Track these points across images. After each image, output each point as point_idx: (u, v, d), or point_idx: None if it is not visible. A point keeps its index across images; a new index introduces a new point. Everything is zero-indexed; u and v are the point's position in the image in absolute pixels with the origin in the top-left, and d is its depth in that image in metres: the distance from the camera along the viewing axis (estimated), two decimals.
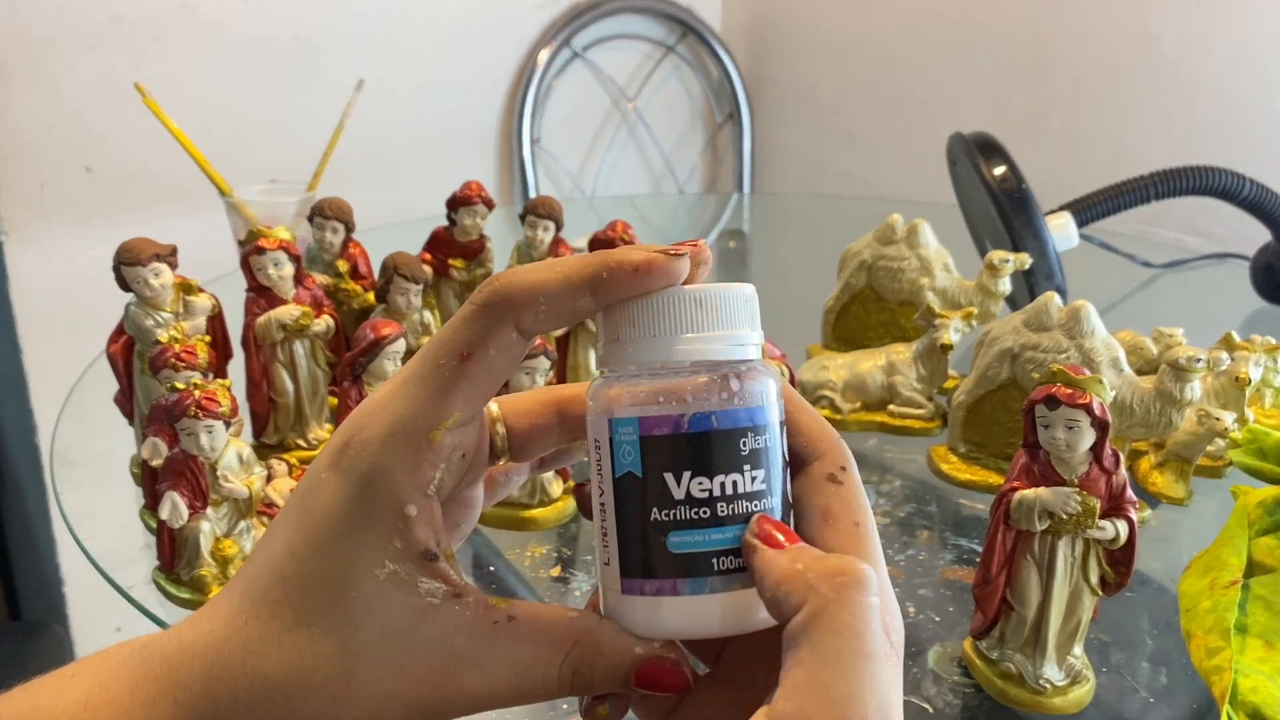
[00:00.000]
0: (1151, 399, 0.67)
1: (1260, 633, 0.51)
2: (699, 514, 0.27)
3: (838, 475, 0.28)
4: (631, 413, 0.27)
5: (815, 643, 0.24)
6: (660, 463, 0.27)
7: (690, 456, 0.27)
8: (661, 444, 0.27)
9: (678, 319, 0.28)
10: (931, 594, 0.61)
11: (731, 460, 0.27)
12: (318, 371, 0.75)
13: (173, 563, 0.59)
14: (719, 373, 0.28)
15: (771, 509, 0.28)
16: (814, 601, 0.25)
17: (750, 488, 0.27)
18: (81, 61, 1.24)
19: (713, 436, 0.27)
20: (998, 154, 0.92)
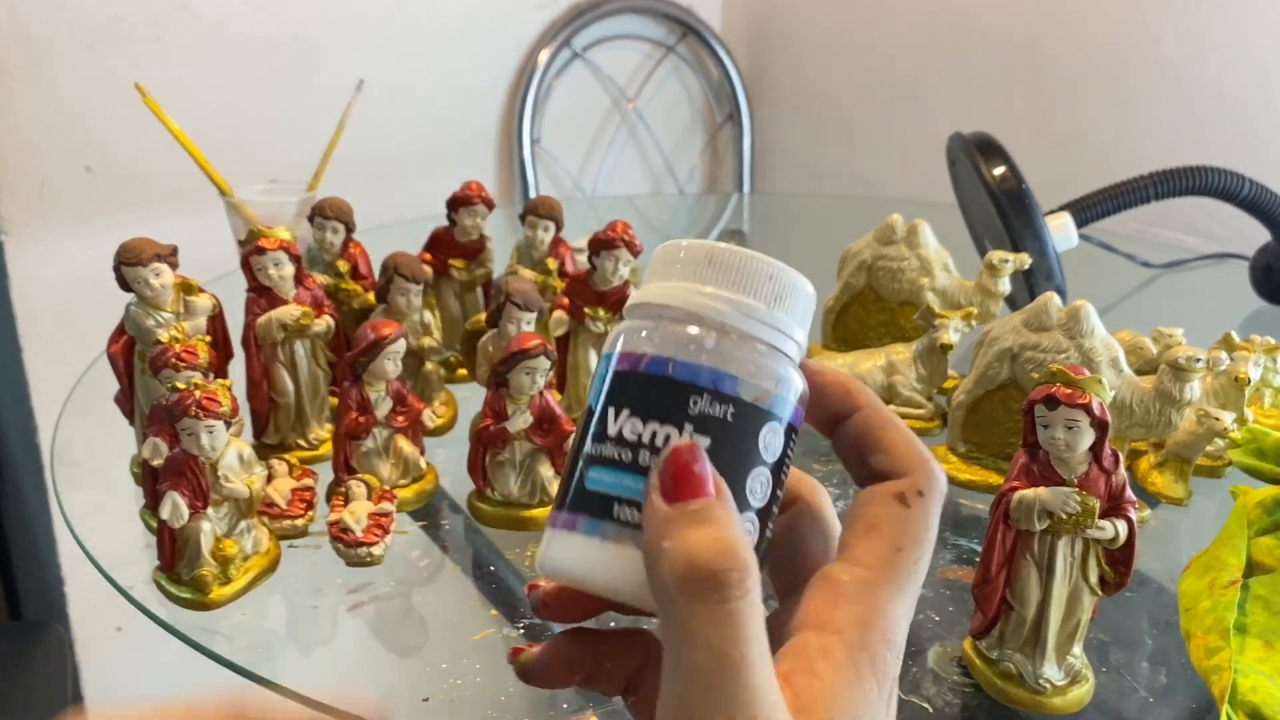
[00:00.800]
0: (1151, 399, 0.67)
1: (1260, 632, 0.51)
2: (621, 455, 0.26)
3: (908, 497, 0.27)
4: (613, 348, 0.27)
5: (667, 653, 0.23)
6: (609, 398, 0.26)
7: (634, 396, 0.26)
8: (618, 380, 0.26)
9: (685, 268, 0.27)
10: (931, 594, 0.61)
11: (673, 413, 0.25)
12: (318, 371, 0.76)
13: (173, 563, 0.60)
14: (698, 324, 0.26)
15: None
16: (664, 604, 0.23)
17: None
18: (82, 61, 1.24)
19: (661, 381, 0.26)
20: (997, 154, 0.92)
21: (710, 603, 0.23)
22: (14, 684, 0.96)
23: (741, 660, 0.22)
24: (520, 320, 0.73)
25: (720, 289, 0.26)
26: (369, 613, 0.61)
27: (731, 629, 0.22)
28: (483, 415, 0.68)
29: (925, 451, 0.27)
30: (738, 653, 0.22)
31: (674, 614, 0.23)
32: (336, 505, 0.65)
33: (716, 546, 0.23)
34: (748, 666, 0.22)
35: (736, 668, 0.22)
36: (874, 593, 0.26)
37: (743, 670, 0.22)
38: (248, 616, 0.60)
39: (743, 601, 0.23)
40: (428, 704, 0.53)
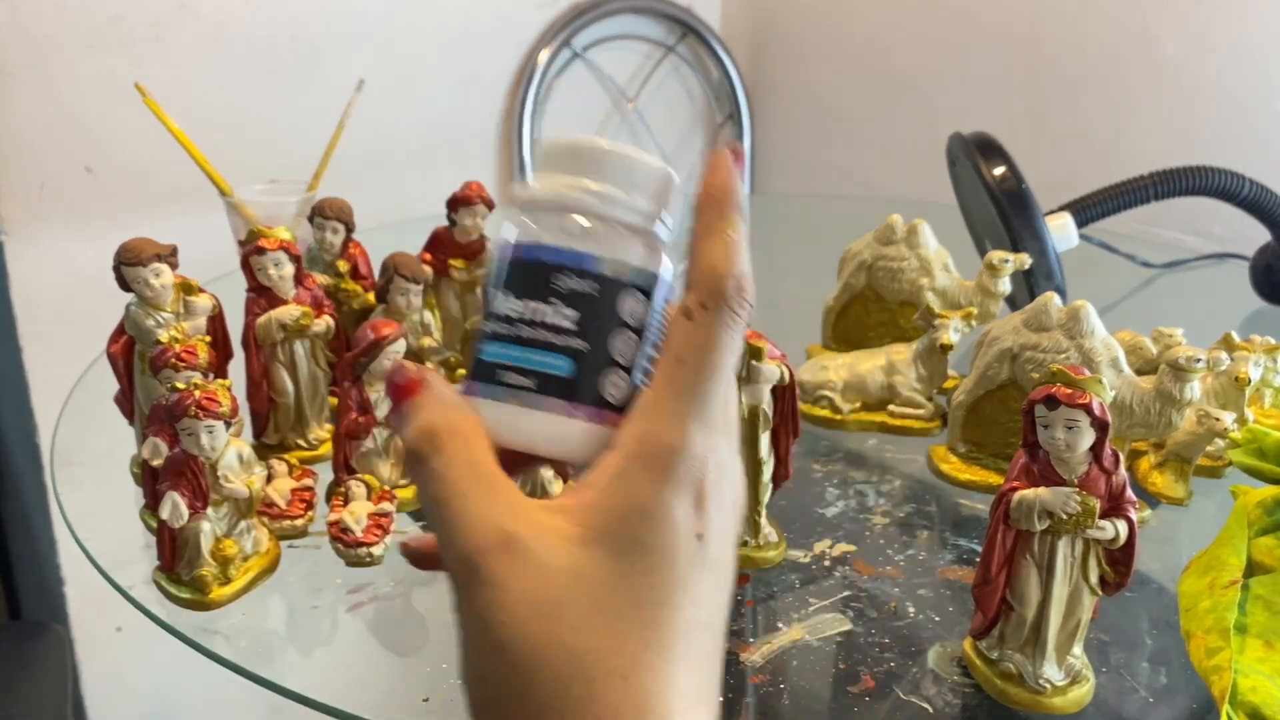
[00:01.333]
0: (1151, 399, 0.67)
1: (1260, 633, 0.51)
2: (500, 329, 0.30)
3: (692, 310, 0.28)
4: (504, 238, 0.31)
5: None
6: (495, 281, 0.30)
7: (511, 278, 0.30)
8: (499, 267, 0.30)
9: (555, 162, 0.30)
10: (931, 594, 0.61)
11: (542, 290, 0.29)
12: (318, 371, 0.75)
13: (173, 563, 0.59)
14: (564, 212, 0.30)
15: (576, 351, 0.29)
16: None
17: (556, 321, 0.29)
18: (81, 61, 1.24)
19: (531, 263, 0.30)
20: (997, 154, 0.92)
21: (420, 469, 0.28)
22: (14, 684, 0.96)
23: (454, 494, 0.27)
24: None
25: (584, 179, 0.30)
26: (369, 613, 0.61)
27: (439, 479, 0.27)
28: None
29: (726, 265, 0.28)
30: (448, 491, 0.27)
31: (415, 481, 0.28)
32: (336, 505, 0.65)
33: (416, 429, 0.28)
34: (458, 497, 0.27)
35: (450, 500, 0.27)
36: (655, 407, 0.28)
37: (455, 500, 0.27)
38: (247, 616, 0.60)
39: (437, 460, 0.27)
40: (428, 704, 0.53)
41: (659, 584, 0.26)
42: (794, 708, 0.53)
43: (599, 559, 0.26)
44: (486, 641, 0.26)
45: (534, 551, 0.26)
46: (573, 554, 0.26)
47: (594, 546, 0.26)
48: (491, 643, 0.26)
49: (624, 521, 0.26)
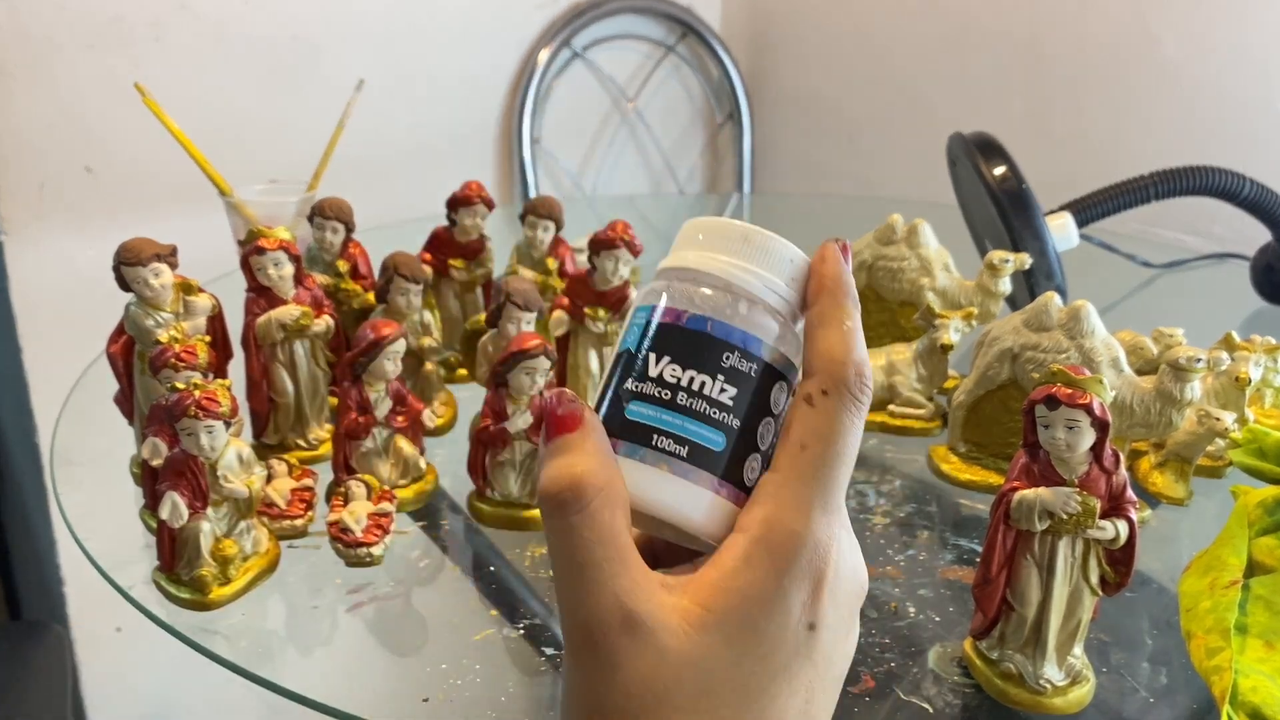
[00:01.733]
0: (1151, 399, 0.67)
1: (1260, 633, 0.51)
2: (660, 393, 0.30)
3: (813, 397, 0.28)
4: (650, 301, 0.31)
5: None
6: (651, 345, 0.30)
7: (675, 345, 0.30)
8: (659, 330, 0.30)
9: (722, 241, 0.31)
10: (931, 594, 0.61)
11: (708, 364, 0.30)
12: (318, 371, 0.75)
13: (173, 563, 0.59)
14: (732, 293, 0.31)
15: (729, 428, 0.30)
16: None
17: (717, 396, 0.30)
18: (81, 61, 1.24)
19: (701, 336, 0.30)
20: (998, 154, 0.92)
21: (557, 518, 0.27)
22: (14, 683, 0.96)
23: (586, 561, 0.26)
24: (520, 320, 0.73)
25: (752, 265, 0.31)
26: (369, 613, 0.61)
27: (574, 538, 0.27)
28: (482, 415, 0.68)
29: (844, 352, 0.29)
30: (581, 555, 0.26)
31: (548, 532, 0.27)
32: (336, 505, 0.65)
33: (560, 475, 0.27)
34: (591, 565, 0.26)
35: (581, 567, 0.26)
36: (779, 491, 0.28)
37: (586, 568, 0.26)
38: (247, 617, 0.60)
39: (578, 517, 0.27)
40: (428, 704, 0.53)
41: (763, 671, 0.27)
42: None
43: (714, 644, 0.27)
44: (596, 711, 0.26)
45: (653, 634, 0.26)
46: (691, 638, 0.27)
47: (712, 631, 0.27)
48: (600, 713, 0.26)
49: (743, 607, 0.27)
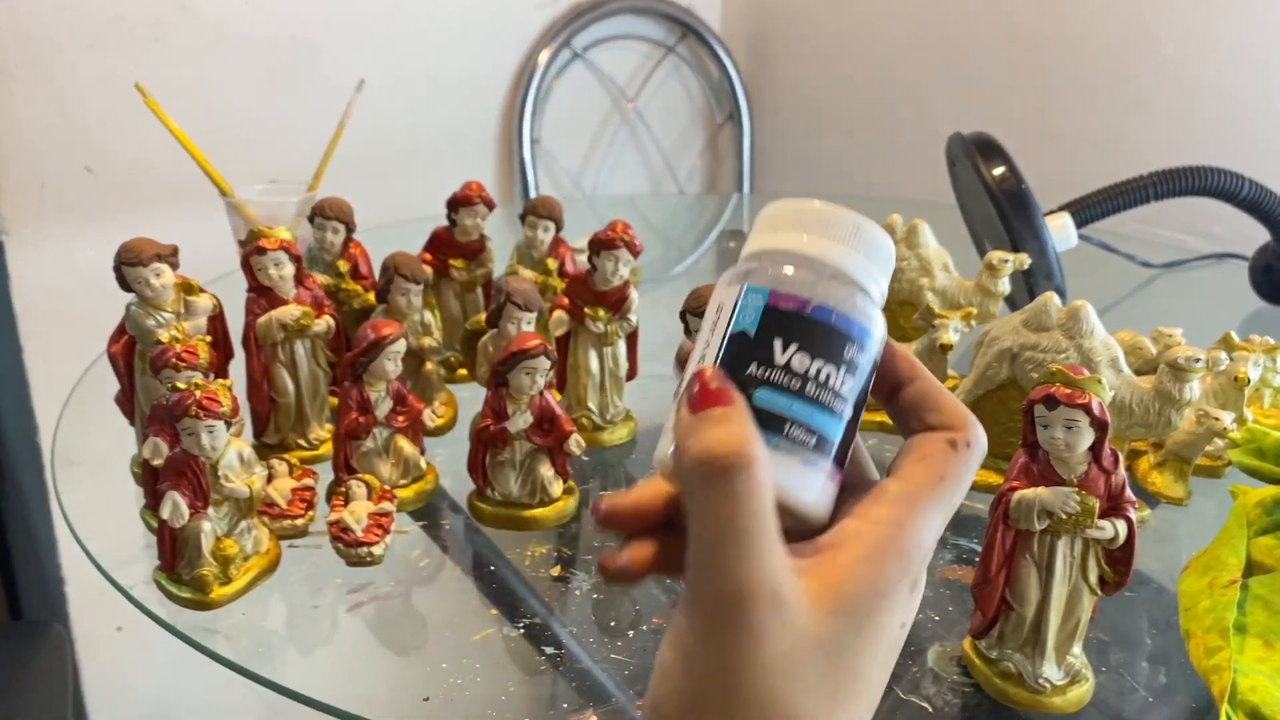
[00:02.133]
0: (1150, 399, 0.67)
1: (1259, 632, 0.51)
2: (790, 382, 0.30)
3: (958, 443, 0.31)
4: (765, 283, 0.30)
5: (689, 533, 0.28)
6: (774, 330, 0.30)
7: (802, 333, 0.30)
8: (781, 316, 0.30)
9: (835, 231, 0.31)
10: (931, 593, 0.62)
11: (833, 355, 0.30)
12: (318, 371, 0.76)
13: (174, 562, 0.60)
14: (854, 284, 0.31)
15: (845, 418, 0.31)
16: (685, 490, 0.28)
17: (839, 387, 0.30)
18: (82, 61, 1.24)
19: (826, 327, 0.30)
20: (997, 154, 0.92)
21: (719, 483, 0.27)
22: (14, 683, 0.96)
23: (745, 529, 0.26)
24: (520, 320, 0.73)
25: (865, 257, 0.31)
26: (369, 612, 0.61)
27: (737, 504, 0.26)
28: (483, 415, 0.68)
29: (973, 416, 0.32)
30: (742, 523, 0.26)
31: (693, 496, 0.27)
32: (336, 505, 0.65)
33: (728, 439, 0.27)
34: (751, 534, 0.26)
35: (740, 534, 0.26)
36: (915, 502, 0.30)
37: (746, 536, 0.26)
38: (248, 616, 0.60)
39: (747, 484, 0.27)
40: (428, 704, 0.53)
41: (871, 662, 0.29)
42: None
43: (841, 630, 0.28)
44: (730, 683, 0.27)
45: (795, 612, 0.27)
46: (822, 620, 0.28)
47: (841, 617, 0.28)
48: (734, 685, 0.27)
49: (871, 599, 0.28)
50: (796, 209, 0.32)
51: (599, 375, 0.78)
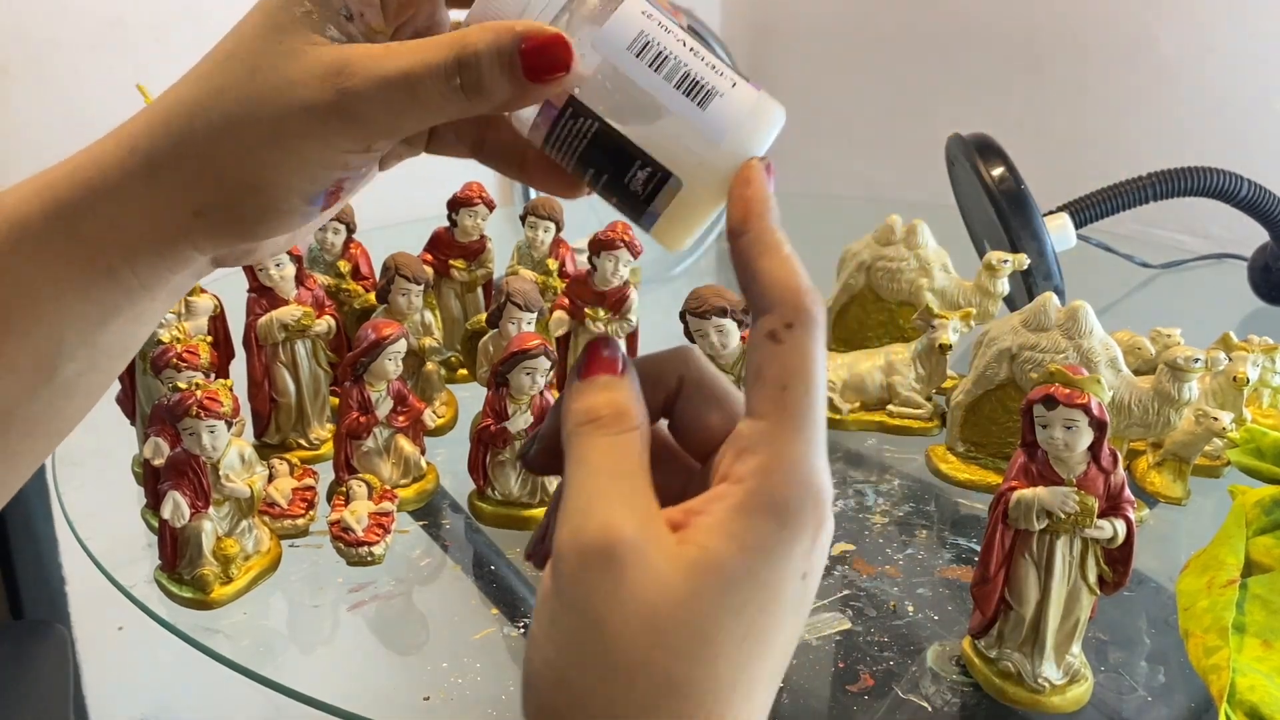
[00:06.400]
0: (1149, 399, 0.67)
1: (1258, 632, 0.51)
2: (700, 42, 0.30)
3: (779, 332, 0.27)
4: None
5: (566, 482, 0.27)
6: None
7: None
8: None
9: None
10: (930, 593, 0.62)
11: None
12: (319, 371, 0.76)
13: (174, 562, 0.60)
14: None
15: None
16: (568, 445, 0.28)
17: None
18: (83, 62, 1.24)
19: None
20: (996, 155, 0.92)
21: (597, 435, 0.27)
22: (15, 683, 0.96)
23: (618, 475, 0.27)
24: (520, 320, 0.73)
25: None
26: (369, 612, 0.61)
27: (613, 454, 0.27)
28: (483, 415, 0.68)
29: (795, 280, 0.27)
30: (618, 470, 0.27)
31: (572, 450, 0.27)
32: (337, 505, 0.65)
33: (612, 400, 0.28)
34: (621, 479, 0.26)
35: (611, 480, 0.26)
36: (772, 440, 0.26)
37: (616, 482, 0.26)
38: (249, 616, 0.60)
39: (621, 436, 0.27)
40: (428, 703, 0.53)
41: (763, 625, 0.26)
42: (793, 706, 0.53)
43: (713, 589, 0.25)
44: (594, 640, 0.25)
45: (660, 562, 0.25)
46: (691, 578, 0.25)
47: (712, 575, 0.25)
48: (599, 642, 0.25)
49: (744, 557, 0.25)
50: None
51: None
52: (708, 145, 0.29)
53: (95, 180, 0.30)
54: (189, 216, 0.30)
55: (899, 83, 1.72)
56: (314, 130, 0.29)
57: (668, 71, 0.29)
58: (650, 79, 0.29)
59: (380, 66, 0.28)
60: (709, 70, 0.29)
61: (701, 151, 0.29)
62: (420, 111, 0.29)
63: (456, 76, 0.28)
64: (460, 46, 0.28)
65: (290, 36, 0.30)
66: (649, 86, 0.29)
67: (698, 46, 0.30)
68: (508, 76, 0.28)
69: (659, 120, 0.29)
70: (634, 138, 0.29)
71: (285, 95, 0.29)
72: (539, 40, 0.28)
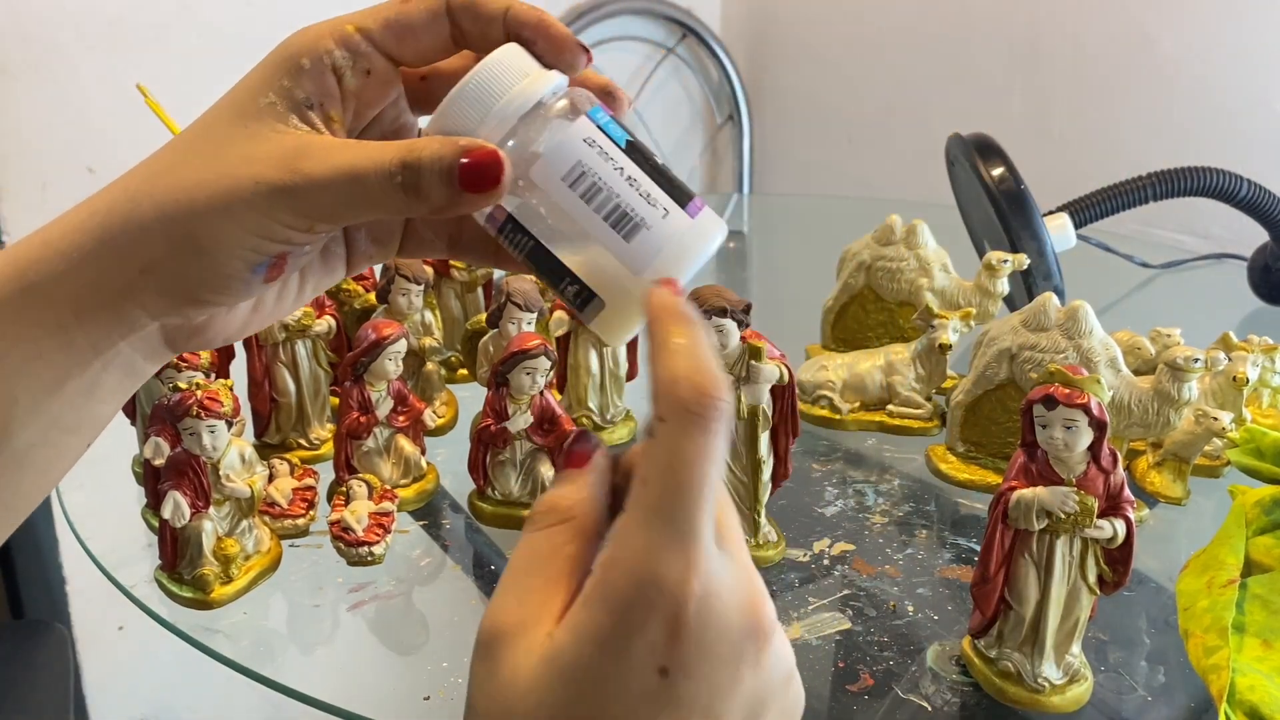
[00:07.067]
0: (1149, 399, 0.67)
1: (1258, 631, 0.51)
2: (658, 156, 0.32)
3: (653, 426, 0.26)
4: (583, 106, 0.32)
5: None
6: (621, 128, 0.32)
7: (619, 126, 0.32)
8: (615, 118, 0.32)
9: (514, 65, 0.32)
10: (930, 593, 0.62)
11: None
12: (319, 371, 0.76)
13: (175, 562, 0.60)
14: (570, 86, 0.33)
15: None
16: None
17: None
18: (83, 62, 1.24)
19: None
20: (996, 155, 0.92)
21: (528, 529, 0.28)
22: (15, 682, 0.96)
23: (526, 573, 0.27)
24: (521, 320, 0.73)
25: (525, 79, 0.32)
26: (370, 612, 0.61)
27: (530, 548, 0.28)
28: (483, 415, 0.68)
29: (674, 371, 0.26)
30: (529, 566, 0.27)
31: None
32: (337, 505, 0.65)
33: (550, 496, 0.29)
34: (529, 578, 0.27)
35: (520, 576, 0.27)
36: (624, 532, 0.26)
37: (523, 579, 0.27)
38: (249, 616, 0.60)
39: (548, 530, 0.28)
40: (428, 703, 0.53)
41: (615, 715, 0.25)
42: None
43: (551, 680, 0.26)
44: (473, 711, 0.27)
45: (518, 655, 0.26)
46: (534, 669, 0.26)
47: (551, 665, 0.26)
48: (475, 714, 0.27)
49: (578, 648, 0.25)
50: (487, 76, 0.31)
51: (599, 375, 0.79)
52: (630, 275, 0.31)
53: (54, 238, 0.32)
54: (136, 272, 0.31)
55: (898, 83, 1.72)
56: (262, 204, 0.30)
57: (599, 203, 0.31)
58: (581, 210, 0.31)
59: (333, 156, 0.30)
60: (641, 201, 0.31)
61: (623, 280, 0.31)
62: (363, 203, 0.31)
63: (399, 175, 0.30)
64: (408, 150, 0.30)
65: (255, 123, 0.32)
66: (579, 217, 0.31)
67: (636, 175, 0.31)
68: (445, 184, 0.30)
69: (587, 247, 0.31)
70: (563, 259, 0.31)
71: (241, 169, 0.31)
72: (478, 156, 0.30)
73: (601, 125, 0.31)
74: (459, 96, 0.31)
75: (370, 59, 0.33)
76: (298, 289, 0.36)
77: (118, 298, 0.31)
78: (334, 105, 0.33)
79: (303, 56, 0.33)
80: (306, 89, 0.32)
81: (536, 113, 0.31)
